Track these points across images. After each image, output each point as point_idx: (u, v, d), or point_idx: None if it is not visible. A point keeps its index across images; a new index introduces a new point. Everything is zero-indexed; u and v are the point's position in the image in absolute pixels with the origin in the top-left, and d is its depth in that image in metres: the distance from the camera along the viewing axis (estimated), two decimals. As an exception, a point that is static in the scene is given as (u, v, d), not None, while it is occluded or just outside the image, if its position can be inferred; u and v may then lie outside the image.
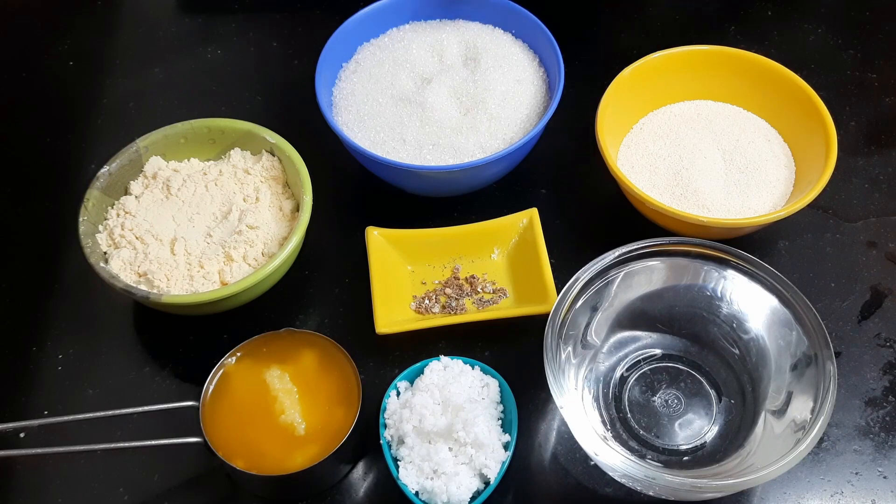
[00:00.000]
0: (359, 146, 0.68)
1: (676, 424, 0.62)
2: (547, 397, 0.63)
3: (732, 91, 0.75)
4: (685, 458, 0.60)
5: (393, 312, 0.66)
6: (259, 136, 0.70)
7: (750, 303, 0.62)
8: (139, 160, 0.70)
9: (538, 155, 0.73)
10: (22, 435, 0.62)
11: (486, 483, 0.57)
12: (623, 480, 0.58)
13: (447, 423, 0.58)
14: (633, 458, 0.55)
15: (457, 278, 0.69)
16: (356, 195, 0.75)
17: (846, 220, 0.72)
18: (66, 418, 0.58)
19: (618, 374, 0.64)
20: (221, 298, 0.62)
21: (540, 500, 0.61)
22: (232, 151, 0.71)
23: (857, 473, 0.61)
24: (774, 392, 0.60)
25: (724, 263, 0.62)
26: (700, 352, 0.64)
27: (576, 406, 0.57)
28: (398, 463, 0.58)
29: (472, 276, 0.69)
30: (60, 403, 0.65)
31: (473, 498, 0.57)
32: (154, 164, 0.70)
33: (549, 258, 0.67)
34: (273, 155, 0.71)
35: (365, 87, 0.74)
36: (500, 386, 0.61)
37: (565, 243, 0.70)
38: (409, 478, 0.57)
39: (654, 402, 0.63)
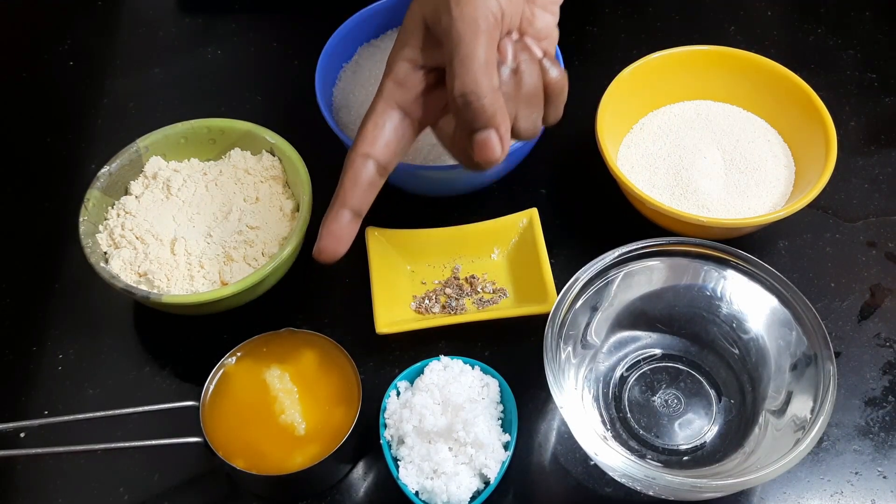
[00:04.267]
0: (359, 146, 0.68)
1: (676, 424, 0.62)
2: (547, 397, 0.63)
3: (732, 91, 0.75)
4: (685, 458, 0.60)
5: (393, 312, 0.66)
6: (259, 136, 0.70)
7: (750, 303, 0.62)
8: (139, 160, 0.70)
9: (538, 155, 0.72)
10: (22, 435, 0.63)
11: (486, 483, 0.57)
12: (623, 480, 0.58)
13: (447, 423, 0.58)
14: (632, 457, 0.55)
15: (457, 278, 0.69)
16: (356, 195, 0.75)
17: (846, 219, 0.72)
18: (66, 418, 0.58)
19: (618, 373, 0.64)
20: (221, 298, 0.62)
21: (540, 500, 0.61)
22: (232, 151, 0.71)
23: (856, 473, 0.61)
24: (774, 392, 0.60)
25: (724, 263, 0.62)
26: (700, 352, 0.64)
27: (576, 406, 0.57)
28: (398, 463, 0.58)
29: (472, 276, 0.69)
30: (60, 403, 0.65)
31: (473, 498, 0.57)
32: (154, 164, 0.70)
33: (549, 258, 0.67)
34: (273, 155, 0.71)
35: (365, 87, 0.74)
36: (500, 386, 0.61)
37: (565, 243, 0.70)
38: (409, 478, 0.57)
39: (653, 401, 0.63)
